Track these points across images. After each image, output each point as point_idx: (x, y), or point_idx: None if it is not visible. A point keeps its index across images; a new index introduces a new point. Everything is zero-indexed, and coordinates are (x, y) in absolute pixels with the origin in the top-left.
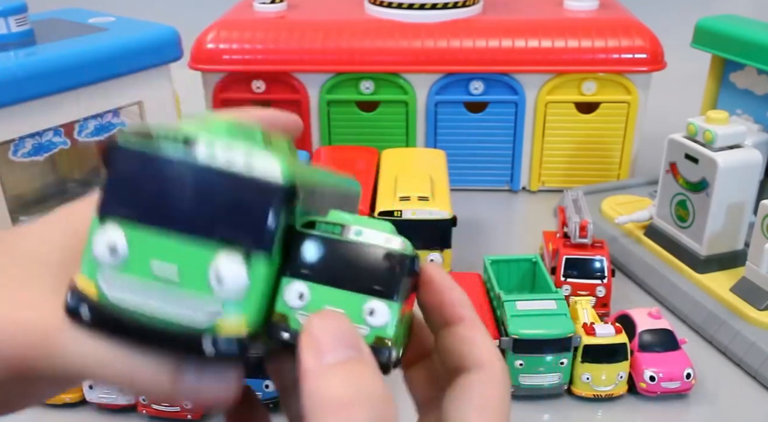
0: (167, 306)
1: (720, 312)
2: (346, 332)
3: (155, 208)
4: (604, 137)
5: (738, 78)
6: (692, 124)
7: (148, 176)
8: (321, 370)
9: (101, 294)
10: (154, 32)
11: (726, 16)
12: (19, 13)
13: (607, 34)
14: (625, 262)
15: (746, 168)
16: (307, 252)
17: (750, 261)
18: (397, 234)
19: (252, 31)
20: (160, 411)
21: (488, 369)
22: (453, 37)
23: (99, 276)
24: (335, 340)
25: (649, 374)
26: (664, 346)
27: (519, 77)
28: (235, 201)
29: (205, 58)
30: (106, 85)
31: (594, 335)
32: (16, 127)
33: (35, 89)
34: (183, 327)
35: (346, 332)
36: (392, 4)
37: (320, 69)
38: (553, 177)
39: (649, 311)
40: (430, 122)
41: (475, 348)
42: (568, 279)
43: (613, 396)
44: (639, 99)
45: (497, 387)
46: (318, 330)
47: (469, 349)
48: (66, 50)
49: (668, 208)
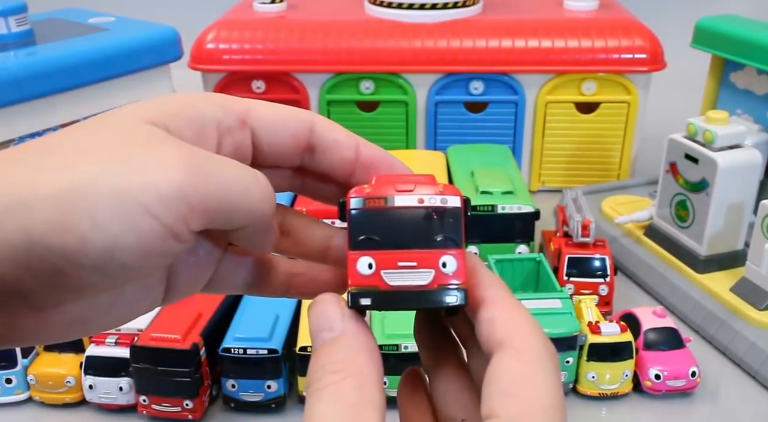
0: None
1: (720, 312)
2: (327, 315)
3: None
4: (604, 137)
5: (738, 78)
6: (692, 124)
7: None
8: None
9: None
10: (154, 32)
11: (726, 16)
12: (19, 13)
13: (607, 34)
14: (625, 262)
15: (746, 168)
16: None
17: (750, 261)
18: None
19: (252, 31)
20: (160, 411)
21: (510, 346)
22: (453, 37)
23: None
24: (316, 327)
25: (654, 372)
26: (669, 345)
27: (519, 77)
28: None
29: (205, 58)
30: (106, 85)
31: (600, 333)
32: (16, 127)
33: (35, 89)
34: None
35: (327, 315)
36: (392, 4)
37: (320, 69)
38: (553, 177)
39: (653, 310)
40: (430, 122)
41: (496, 327)
42: (570, 279)
43: (618, 394)
44: (639, 99)
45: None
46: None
47: (489, 330)
48: (66, 50)
49: (668, 208)
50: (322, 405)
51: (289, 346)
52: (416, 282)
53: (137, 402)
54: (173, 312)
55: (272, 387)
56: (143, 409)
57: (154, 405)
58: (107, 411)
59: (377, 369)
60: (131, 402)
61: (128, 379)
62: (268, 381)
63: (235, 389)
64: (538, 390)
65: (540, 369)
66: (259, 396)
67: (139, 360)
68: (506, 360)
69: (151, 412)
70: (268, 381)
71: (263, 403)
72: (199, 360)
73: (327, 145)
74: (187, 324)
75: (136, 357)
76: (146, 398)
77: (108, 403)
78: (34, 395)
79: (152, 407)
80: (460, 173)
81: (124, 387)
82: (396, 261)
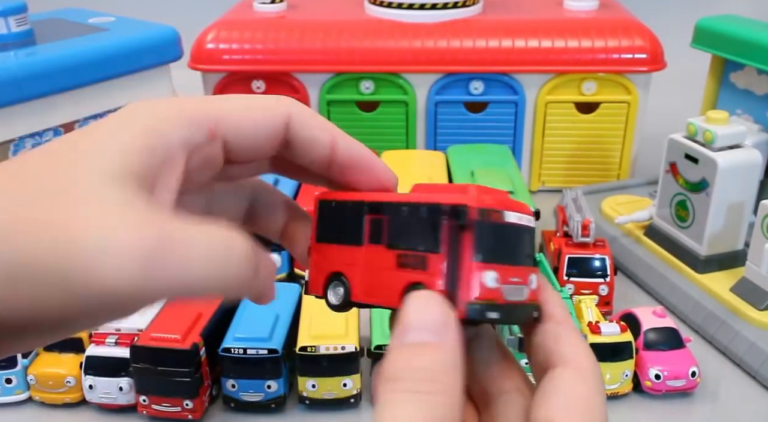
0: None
1: (720, 312)
2: (429, 315)
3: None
4: (604, 137)
5: (738, 78)
6: (692, 124)
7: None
8: (398, 346)
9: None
10: (154, 32)
11: (726, 16)
12: (19, 13)
13: (607, 34)
14: (625, 262)
15: (746, 168)
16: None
17: (750, 261)
18: None
19: (252, 31)
20: (160, 411)
21: (575, 366)
22: (453, 37)
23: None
24: (416, 323)
25: (654, 372)
26: (669, 345)
27: (519, 77)
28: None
29: (205, 58)
30: (106, 85)
31: (600, 334)
32: (16, 127)
33: (35, 89)
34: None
35: (429, 315)
36: (392, 4)
37: (320, 69)
38: (553, 177)
39: (653, 310)
40: (430, 122)
41: (562, 344)
42: (570, 279)
43: (618, 394)
44: (639, 99)
45: (586, 385)
46: (410, 311)
47: (556, 345)
48: (66, 50)
49: (668, 208)
50: (410, 411)
51: (289, 346)
52: (519, 298)
53: (137, 402)
54: (173, 312)
55: (272, 387)
56: (143, 409)
57: (154, 405)
58: (107, 411)
59: (463, 391)
60: (131, 402)
61: (128, 379)
62: (268, 381)
63: (235, 389)
64: (597, 411)
65: (598, 391)
66: (259, 396)
67: (139, 360)
68: (571, 378)
69: (151, 412)
70: (268, 381)
71: (263, 403)
72: (199, 360)
73: (302, 143)
74: (187, 324)
75: (136, 357)
76: (146, 398)
77: (108, 403)
78: (34, 395)
79: (152, 407)
80: (460, 173)
81: (124, 387)
82: (509, 277)
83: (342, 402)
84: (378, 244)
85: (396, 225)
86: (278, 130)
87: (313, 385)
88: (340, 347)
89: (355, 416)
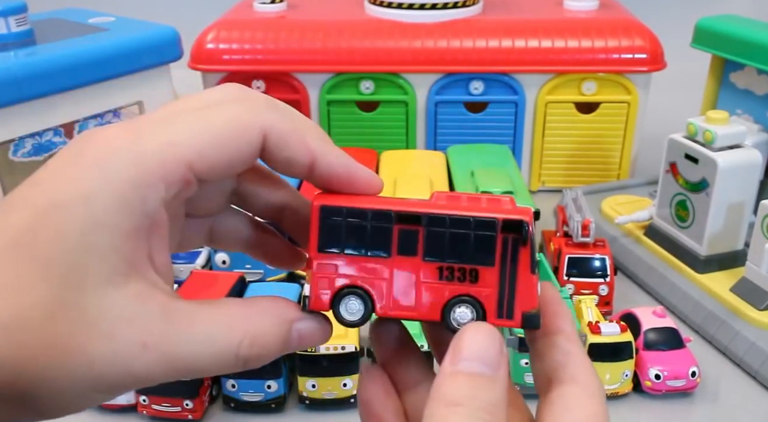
0: None
1: (720, 312)
2: (489, 349)
3: None
4: (604, 137)
5: (738, 78)
6: (692, 124)
7: None
8: (451, 372)
9: None
10: (154, 32)
11: (726, 16)
12: (19, 13)
13: (607, 34)
14: (625, 262)
15: (746, 168)
16: None
17: (750, 261)
18: None
19: (252, 31)
20: (160, 411)
21: (586, 384)
22: (453, 37)
23: None
24: (476, 354)
25: (654, 372)
26: (669, 345)
27: (519, 77)
28: None
29: (205, 58)
30: (106, 85)
31: (599, 333)
32: (16, 127)
33: (35, 89)
34: None
35: (489, 349)
36: (392, 4)
37: (320, 69)
38: (553, 177)
39: (653, 310)
40: (430, 122)
41: (572, 361)
42: (570, 279)
43: (618, 394)
44: (639, 99)
45: (595, 403)
46: (467, 339)
47: (567, 361)
48: (66, 50)
49: (668, 208)
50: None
51: None
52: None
53: (137, 401)
54: None
55: (272, 387)
56: (143, 409)
57: (154, 405)
58: (107, 410)
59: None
60: (131, 402)
61: None
62: (268, 381)
63: (235, 389)
64: None
65: (604, 410)
66: (259, 396)
67: None
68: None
69: (151, 412)
70: (268, 381)
71: (263, 403)
72: None
73: (278, 162)
74: None
75: None
76: (146, 398)
77: (108, 403)
78: None
79: (152, 407)
80: (460, 173)
81: None
82: None
83: (342, 402)
84: (411, 256)
85: (435, 237)
86: (253, 156)
87: (313, 385)
88: (340, 347)
89: (355, 416)
